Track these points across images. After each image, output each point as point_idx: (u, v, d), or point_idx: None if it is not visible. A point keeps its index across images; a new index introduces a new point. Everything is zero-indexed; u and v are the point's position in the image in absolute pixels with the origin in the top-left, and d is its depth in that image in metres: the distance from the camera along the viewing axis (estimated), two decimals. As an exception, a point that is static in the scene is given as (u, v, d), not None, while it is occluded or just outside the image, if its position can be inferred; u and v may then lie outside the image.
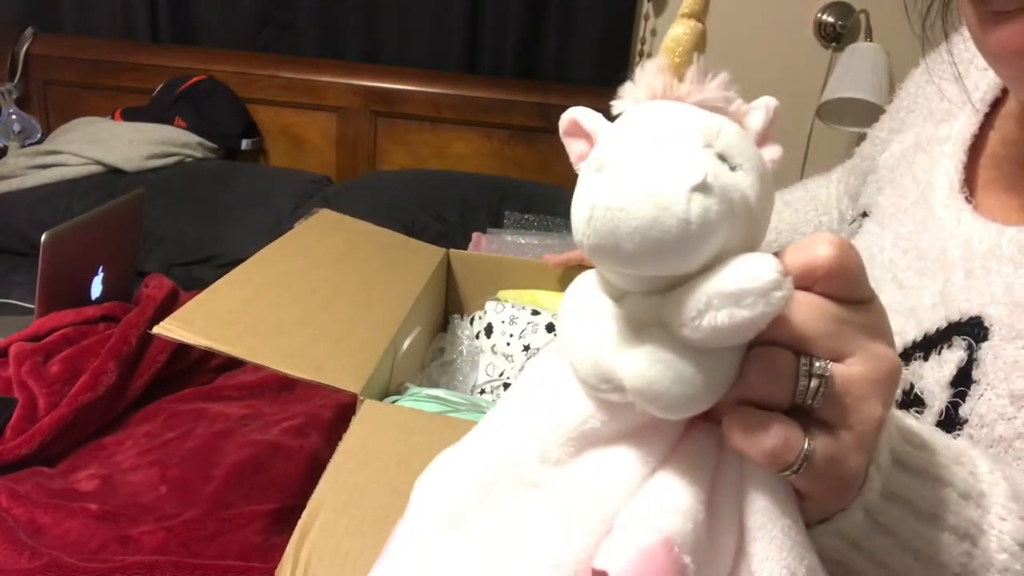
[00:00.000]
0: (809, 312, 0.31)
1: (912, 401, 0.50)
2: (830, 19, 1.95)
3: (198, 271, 1.62)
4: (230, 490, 0.82)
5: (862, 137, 0.81)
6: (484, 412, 0.73)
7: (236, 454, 0.87)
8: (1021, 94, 0.53)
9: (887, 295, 0.55)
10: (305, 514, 0.53)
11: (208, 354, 1.07)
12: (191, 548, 0.73)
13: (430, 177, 1.91)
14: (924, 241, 0.56)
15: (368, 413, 0.63)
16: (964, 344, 0.48)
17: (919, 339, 0.51)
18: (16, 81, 2.00)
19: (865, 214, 0.66)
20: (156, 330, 0.61)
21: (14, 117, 1.95)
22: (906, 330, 0.52)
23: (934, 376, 0.49)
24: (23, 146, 1.93)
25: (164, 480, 0.83)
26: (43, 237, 0.97)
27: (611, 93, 0.37)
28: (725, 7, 1.97)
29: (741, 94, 0.34)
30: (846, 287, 0.31)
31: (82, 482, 0.83)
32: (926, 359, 0.50)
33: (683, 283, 0.30)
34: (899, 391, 0.51)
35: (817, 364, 0.30)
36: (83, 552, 0.72)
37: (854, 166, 0.81)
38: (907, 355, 0.52)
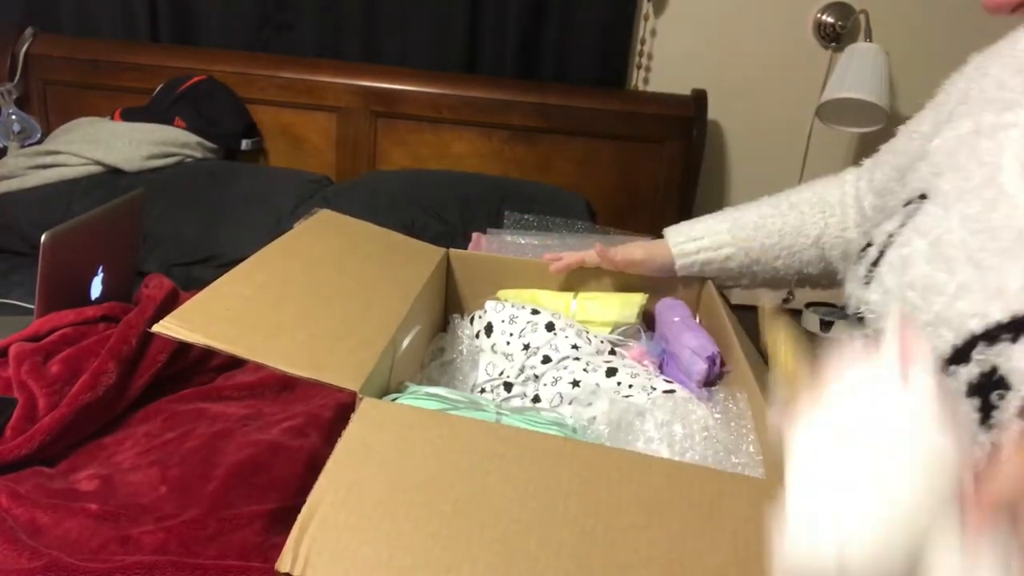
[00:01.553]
0: None
1: (994, 384, 0.50)
2: (830, 19, 1.95)
3: (198, 271, 1.62)
4: (230, 490, 0.82)
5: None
6: (484, 410, 0.73)
7: (236, 454, 0.87)
8: None
9: (961, 274, 0.56)
10: (305, 509, 0.53)
11: (208, 354, 1.07)
12: (191, 548, 0.73)
13: (430, 177, 1.91)
14: (995, 220, 0.57)
15: (367, 410, 0.63)
16: None
17: (1005, 320, 0.52)
18: (16, 81, 2.00)
19: (923, 196, 0.67)
20: (155, 328, 0.61)
21: (14, 117, 1.95)
22: (990, 311, 0.53)
23: None
24: (23, 146, 1.93)
25: (164, 480, 0.83)
26: (43, 237, 0.97)
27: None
28: (725, 7, 1.97)
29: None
30: None
31: (82, 482, 0.83)
32: (1014, 341, 0.50)
33: None
34: (977, 372, 0.51)
35: None
36: (83, 552, 0.72)
37: (882, 161, 0.83)
38: (991, 336, 0.52)
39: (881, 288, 0.64)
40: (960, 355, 0.53)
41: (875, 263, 0.66)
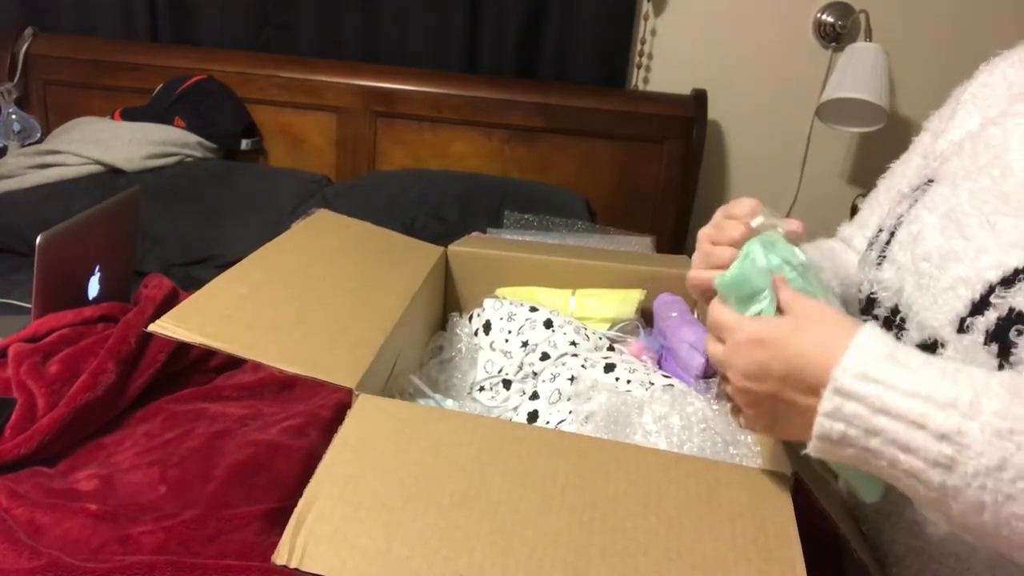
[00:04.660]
0: None
1: (1015, 319, 0.55)
2: (830, 19, 1.95)
3: (197, 271, 1.62)
4: (230, 490, 0.82)
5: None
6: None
7: (236, 454, 0.87)
8: None
9: (977, 240, 0.60)
10: (301, 502, 0.53)
11: (207, 354, 1.07)
12: (191, 548, 0.73)
13: (430, 177, 1.91)
14: (1005, 188, 0.61)
15: (363, 406, 0.63)
16: None
17: (1023, 266, 0.56)
18: (16, 81, 2.00)
19: (931, 181, 0.70)
20: (152, 327, 0.61)
21: (14, 117, 1.95)
22: (1008, 260, 0.57)
23: None
24: (23, 146, 1.93)
25: (164, 480, 0.83)
26: (38, 239, 0.96)
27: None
28: (725, 7, 1.97)
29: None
30: None
31: (82, 482, 0.83)
32: None
33: None
34: (995, 317, 0.56)
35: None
36: (83, 552, 0.72)
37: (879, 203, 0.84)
38: (1008, 281, 0.56)
39: (894, 266, 0.66)
40: (978, 307, 0.57)
41: (887, 243, 0.69)
